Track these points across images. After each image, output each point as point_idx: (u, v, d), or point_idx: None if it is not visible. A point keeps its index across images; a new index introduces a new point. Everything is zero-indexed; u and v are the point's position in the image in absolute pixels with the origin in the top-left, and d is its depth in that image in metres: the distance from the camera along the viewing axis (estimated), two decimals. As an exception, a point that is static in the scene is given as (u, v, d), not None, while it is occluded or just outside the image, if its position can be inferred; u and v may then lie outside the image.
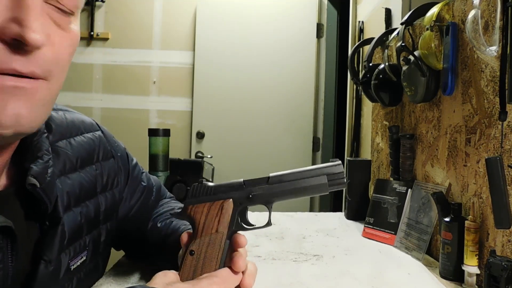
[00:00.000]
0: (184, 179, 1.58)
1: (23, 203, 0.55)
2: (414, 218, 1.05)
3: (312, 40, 2.83)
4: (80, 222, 0.65)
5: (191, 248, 0.59)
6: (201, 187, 0.62)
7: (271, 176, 0.62)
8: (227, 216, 0.60)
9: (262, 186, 0.61)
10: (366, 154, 1.77)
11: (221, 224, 0.60)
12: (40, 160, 0.56)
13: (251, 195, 0.61)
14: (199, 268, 0.58)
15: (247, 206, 0.63)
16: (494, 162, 0.72)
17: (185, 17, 2.91)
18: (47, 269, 0.56)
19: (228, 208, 0.61)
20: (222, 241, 0.59)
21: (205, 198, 0.61)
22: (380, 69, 1.23)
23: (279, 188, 0.61)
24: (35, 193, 0.54)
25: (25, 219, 0.55)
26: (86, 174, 0.68)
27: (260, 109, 2.83)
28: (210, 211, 0.61)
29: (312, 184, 0.61)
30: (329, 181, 0.61)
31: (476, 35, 0.78)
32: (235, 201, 0.61)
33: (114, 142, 0.79)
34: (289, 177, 0.62)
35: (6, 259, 0.50)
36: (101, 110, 2.92)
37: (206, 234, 0.60)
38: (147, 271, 0.81)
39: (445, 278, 0.83)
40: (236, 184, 0.62)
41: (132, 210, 0.81)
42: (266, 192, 0.61)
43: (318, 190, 0.61)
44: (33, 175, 0.53)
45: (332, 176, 0.61)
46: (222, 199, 0.61)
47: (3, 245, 0.49)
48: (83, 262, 0.66)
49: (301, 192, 0.61)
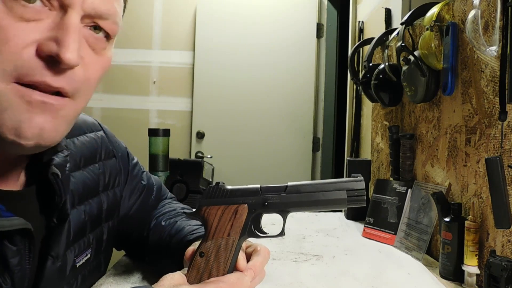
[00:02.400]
0: (184, 179, 1.58)
1: (38, 201, 0.56)
2: (414, 218, 1.05)
3: (312, 40, 2.83)
4: (84, 220, 0.65)
5: (202, 249, 0.58)
6: (217, 189, 0.61)
7: (289, 185, 0.61)
8: (241, 221, 0.60)
9: (279, 195, 0.60)
10: (366, 154, 1.77)
11: (234, 229, 0.59)
12: (61, 153, 0.57)
13: (267, 203, 0.60)
14: (208, 270, 0.57)
15: (261, 213, 0.62)
16: (494, 162, 0.72)
17: (185, 17, 2.91)
18: (54, 265, 0.56)
19: (243, 213, 0.60)
20: (233, 246, 0.59)
21: (220, 201, 0.61)
22: (380, 69, 1.23)
23: (296, 198, 0.60)
24: (55, 184, 0.55)
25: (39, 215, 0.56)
26: (89, 173, 0.69)
27: (260, 109, 2.83)
28: (223, 214, 0.60)
29: (330, 198, 0.60)
30: (349, 197, 0.59)
31: (476, 35, 0.78)
32: (250, 207, 0.60)
33: (115, 141, 0.80)
34: (307, 188, 0.60)
35: (24, 261, 0.50)
36: (101, 110, 2.92)
37: (218, 237, 0.59)
38: (147, 271, 0.81)
39: (445, 278, 0.83)
40: (252, 190, 0.61)
41: (132, 209, 0.81)
42: (282, 201, 0.60)
43: (336, 205, 0.60)
44: (55, 165, 0.55)
45: (352, 192, 0.60)
46: (237, 204, 0.60)
47: (21, 247, 0.50)
48: (88, 260, 0.67)
49: (318, 205, 0.60)
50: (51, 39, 0.43)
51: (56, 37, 0.43)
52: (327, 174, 2.87)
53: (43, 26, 0.43)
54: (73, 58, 0.43)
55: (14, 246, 0.49)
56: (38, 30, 0.43)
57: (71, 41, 0.43)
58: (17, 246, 0.49)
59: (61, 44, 0.43)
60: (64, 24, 0.44)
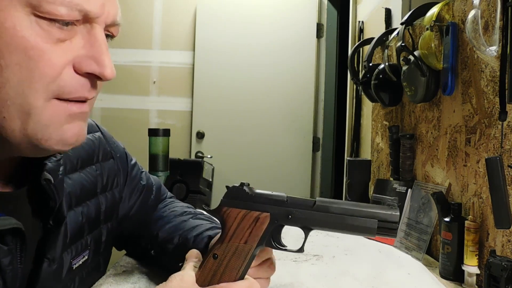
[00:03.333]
0: (184, 179, 1.58)
1: (32, 201, 0.56)
2: (414, 218, 1.05)
3: (312, 40, 2.83)
4: (82, 221, 0.65)
5: (215, 251, 0.56)
6: (241, 191, 0.58)
7: (318, 202, 0.57)
8: (260, 230, 0.57)
9: (305, 211, 0.57)
10: (366, 154, 1.77)
11: (252, 237, 0.57)
12: (53, 157, 0.57)
13: (291, 216, 0.57)
14: (219, 274, 0.56)
15: (283, 225, 0.58)
16: (494, 162, 0.72)
17: (185, 17, 2.91)
18: (50, 267, 0.56)
19: (264, 223, 0.57)
20: (249, 254, 0.56)
21: (242, 204, 0.58)
22: (380, 69, 1.23)
23: (323, 217, 0.56)
24: (48, 189, 0.55)
25: (33, 217, 0.56)
26: (87, 175, 0.68)
27: (260, 109, 2.83)
28: (244, 220, 0.57)
29: (359, 225, 0.56)
30: (379, 227, 0.55)
31: (476, 35, 0.78)
32: (272, 217, 0.57)
33: (113, 142, 0.79)
34: (337, 209, 0.56)
35: (15, 261, 0.50)
36: (101, 110, 2.92)
37: (234, 242, 0.56)
38: (147, 271, 0.81)
39: (445, 278, 0.83)
40: (278, 199, 0.58)
41: (132, 209, 0.81)
42: (307, 217, 0.57)
43: (363, 232, 0.57)
44: (47, 171, 0.55)
45: (384, 224, 0.55)
46: (259, 211, 0.57)
47: (12, 247, 0.50)
48: (85, 262, 0.66)
49: (345, 229, 0.56)
50: (88, 57, 0.46)
51: (93, 55, 0.47)
52: (327, 174, 2.87)
53: (75, 44, 0.46)
54: (113, 73, 0.48)
55: (5, 245, 0.49)
56: (72, 49, 0.46)
57: (107, 58, 0.47)
58: (8, 245, 0.49)
59: (100, 63, 0.47)
60: (96, 42, 0.47)
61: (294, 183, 2.74)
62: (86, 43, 0.47)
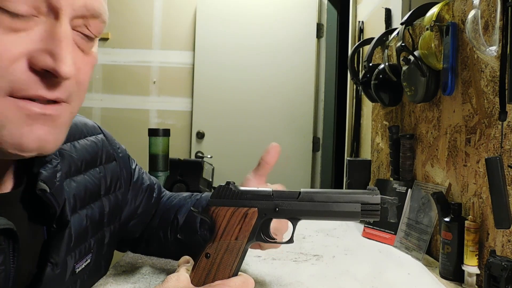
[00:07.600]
0: (184, 179, 1.58)
1: (29, 205, 0.55)
2: (414, 218, 1.05)
3: (312, 40, 2.83)
4: (86, 224, 0.65)
5: (208, 250, 0.57)
6: (227, 189, 0.59)
7: (302, 192, 0.59)
8: (250, 225, 0.58)
9: (291, 201, 0.59)
10: (366, 154, 1.77)
11: (242, 233, 0.58)
12: (49, 164, 0.56)
13: (278, 209, 0.59)
14: (213, 273, 0.56)
15: (271, 218, 0.60)
16: (494, 162, 0.72)
17: (185, 17, 2.91)
18: (54, 272, 0.56)
19: (252, 218, 0.58)
20: (240, 249, 0.57)
21: (229, 202, 0.59)
22: (380, 69, 1.23)
23: (309, 207, 0.58)
24: (45, 198, 0.54)
25: (30, 221, 0.55)
26: (91, 177, 0.68)
27: (260, 109, 2.83)
28: (232, 217, 0.58)
29: (343, 210, 0.58)
30: (363, 210, 0.58)
31: (476, 35, 0.78)
32: (260, 211, 0.58)
33: (115, 145, 0.80)
34: (321, 197, 0.59)
35: (8, 261, 0.50)
36: (101, 110, 2.92)
37: (225, 239, 0.58)
38: (147, 271, 0.81)
39: (445, 278, 0.83)
40: (264, 193, 0.59)
41: (138, 209, 0.82)
42: (294, 208, 0.59)
43: (348, 217, 0.59)
44: (42, 180, 0.53)
45: (366, 206, 0.58)
46: (247, 207, 0.58)
47: (4, 246, 0.49)
48: (88, 265, 0.66)
49: (330, 216, 0.59)
50: (44, 51, 0.41)
51: (49, 49, 0.41)
52: (327, 174, 2.87)
53: (33, 36, 0.41)
54: (70, 71, 0.42)
55: None
56: (28, 41, 0.41)
57: (67, 54, 0.42)
58: (1, 245, 0.49)
59: (56, 58, 0.41)
60: (56, 35, 0.42)
61: (294, 183, 2.74)
62: (46, 36, 0.42)
